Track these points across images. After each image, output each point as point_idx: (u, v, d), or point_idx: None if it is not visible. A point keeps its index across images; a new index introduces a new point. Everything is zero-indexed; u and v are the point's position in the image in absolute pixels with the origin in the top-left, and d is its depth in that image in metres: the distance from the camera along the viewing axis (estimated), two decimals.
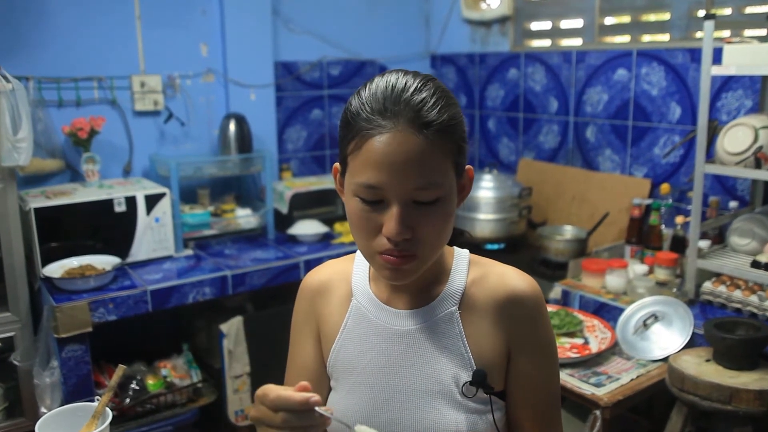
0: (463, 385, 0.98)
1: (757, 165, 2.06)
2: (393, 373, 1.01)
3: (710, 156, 2.25)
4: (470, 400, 0.99)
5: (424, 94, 0.89)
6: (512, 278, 1.02)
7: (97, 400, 1.22)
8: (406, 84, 0.89)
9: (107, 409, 1.20)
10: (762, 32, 2.35)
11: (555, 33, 3.21)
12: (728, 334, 1.85)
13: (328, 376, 1.10)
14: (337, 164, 0.99)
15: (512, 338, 1.01)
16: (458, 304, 1.01)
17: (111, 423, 1.19)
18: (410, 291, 1.03)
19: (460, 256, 1.07)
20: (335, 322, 1.08)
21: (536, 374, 1.02)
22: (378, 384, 1.02)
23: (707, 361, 1.89)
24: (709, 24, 2.08)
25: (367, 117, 0.88)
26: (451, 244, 1.09)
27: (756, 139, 2.05)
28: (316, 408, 0.80)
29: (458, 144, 0.92)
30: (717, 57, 2.12)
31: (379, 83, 0.91)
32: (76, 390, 2.27)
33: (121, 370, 1.28)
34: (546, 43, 3.26)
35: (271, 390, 0.81)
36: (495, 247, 2.96)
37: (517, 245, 3.00)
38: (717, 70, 2.09)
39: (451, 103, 0.92)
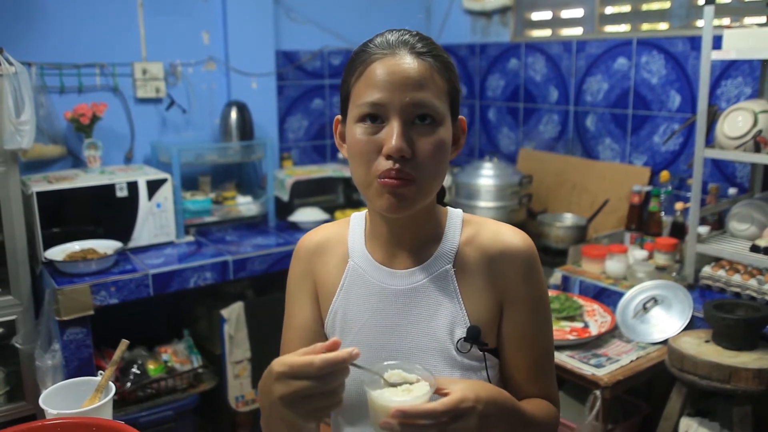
0: (458, 341, 1.01)
1: (757, 149, 2.07)
2: (390, 332, 1.03)
3: (710, 141, 2.26)
4: (465, 356, 1.01)
5: (425, 40, 0.99)
6: (505, 234, 1.04)
7: (100, 374, 1.23)
8: (408, 32, 1.00)
9: (110, 383, 1.21)
10: (762, 19, 2.36)
11: (555, 23, 3.22)
12: (728, 314, 1.86)
13: (325, 336, 1.11)
14: (338, 116, 1.05)
15: (505, 293, 1.03)
16: (452, 262, 1.03)
17: (112, 408, 1.19)
18: (406, 251, 1.05)
19: (454, 215, 1.08)
20: (332, 282, 1.09)
21: (529, 328, 1.04)
22: (375, 343, 1.04)
23: (706, 342, 1.90)
24: (709, 9, 2.09)
25: (371, 49, 0.98)
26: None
27: (755, 123, 2.06)
28: (353, 363, 0.81)
29: (453, 85, 1.00)
30: (717, 44, 2.13)
31: (383, 33, 1.01)
32: (78, 373, 2.27)
33: (124, 344, 1.28)
34: (546, 32, 3.27)
35: (306, 360, 0.80)
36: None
37: None
38: (717, 55, 2.10)
39: (449, 58, 1.01)
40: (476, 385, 0.89)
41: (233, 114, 2.96)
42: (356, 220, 1.13)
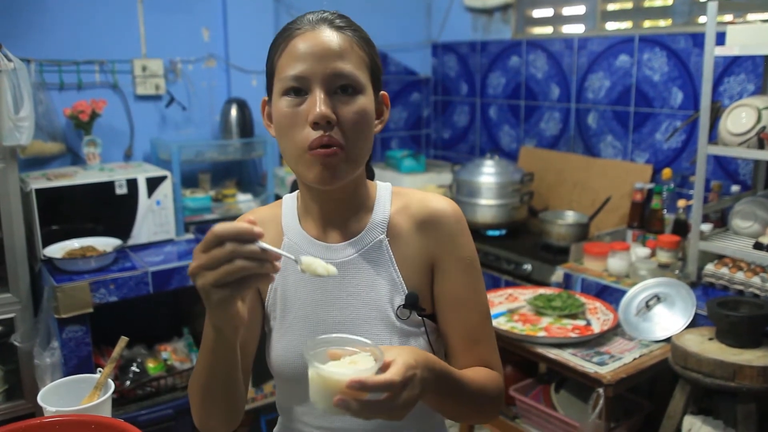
0: (398, 308, 1.03)
1: (760, 145, 2.06)
2: (329, 305, 1.05)
3: (713, 138, 2.25)
4: (405, 323, 1.03)
5: (344, 17, 1.04)
6: (432, 200, 1.08)
7: (100, 372, 1.22)
8: (328, 11, 1.04)
9: (109, 380, 1.20)
10: (765, 15, 2.35)
11: (557, 20, 3.21)
12: (731, 311, 1.84)
13: (259, 316, 1.12)
14: (264, 97, 1.08)
15: (436, 257, 1.06)
16: (385, 232, 1.06)
17: (111, 405, 1.18)
18: (338, 224, 1.07)
19: (383, 188, 1.11)
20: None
21: (461, 289, 1.06)
22: (315, 317, 1.06)
23: (710, 339, 1.89)
24: (712, 5, 2.07)
25: (292, 26, 1.02)
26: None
27: (759, 120, 2.05)
28: (260, 242, 0.78)
29: (373, 59, 1.04)
30: (720, 41, 2.12)
31: (304, 14, 1.04)
32: (77, 371, 2.25)
33: (123, 341, 1.27)
34: (548, 30, 3.25)
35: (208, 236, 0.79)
36: (496, 233, 2.96)
37: (519, 231, 3.00)
38: (720, 51, 2.09)
39: (367, 35, 1.06)
40: (411, 351, 0.88)
41: (233, 111, 2.95)
42: (288, 201, 1.15)
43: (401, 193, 1.11)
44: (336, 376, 0.80)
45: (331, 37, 0.98)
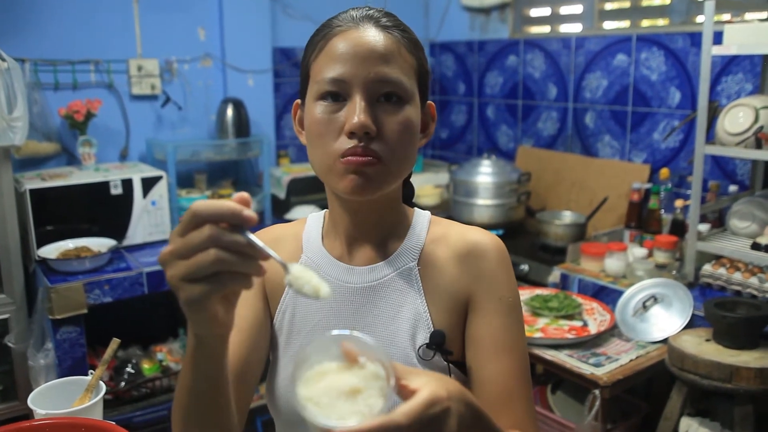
0: (420, 347, 0.90)
1: (758, 145, 2.04)
2: None
3: (710, 138, 2.24)
4: (426, 364, 0.90)
5: (391, 15, 0.93)
6: (473, 232, 0.96)
7: (91, 374, 1.21)
8: (373, 8, 0.93)
9: (101, 382, 1.19)
10: (763, 14, 2.34)
11: (554, 19, 3.19)
12: (729, 312, 1.83)
13: (266, 338, 0.99)
14: (297, 101, 0.97)
15: (472, 294, 0.93)
16: (417, 260, 0.94)
17: (106, 407, 1.18)
18: (366, 245, 0.96)
19: (421, 215, 1.01)
20: (282, 279, 0.88)
21: (499, 335, 0.91)
22: None
23: (707, 340, 1.88)
24: (709, 4, 2.06)
25: (330, 23, 0.91)
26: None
27: (756, 120, 2.04)
28: (249, 234, 0.63)
29: (422, 65, 0.92)
30: (718, 40, 2.11)
31: (347, 10, 0.93)
32: (71, 372, 2.24)
33: (115, 343, 1.26)
34: (545, 29, 3.24)
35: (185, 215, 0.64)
36: (493, 233, 2.94)
37: (516, 231, 2.99)
38: (718, 50, 2.08)
39: (416, 37, 0.94)
40: (442, 380, 0.69)
41: (229, 111, 2.94)
42: (313, 219, 1.04)
43: (440, 223, 1.00)
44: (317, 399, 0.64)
45: (376, 37, 0.87)
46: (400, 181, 0.94)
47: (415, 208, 1.03)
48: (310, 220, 1.05)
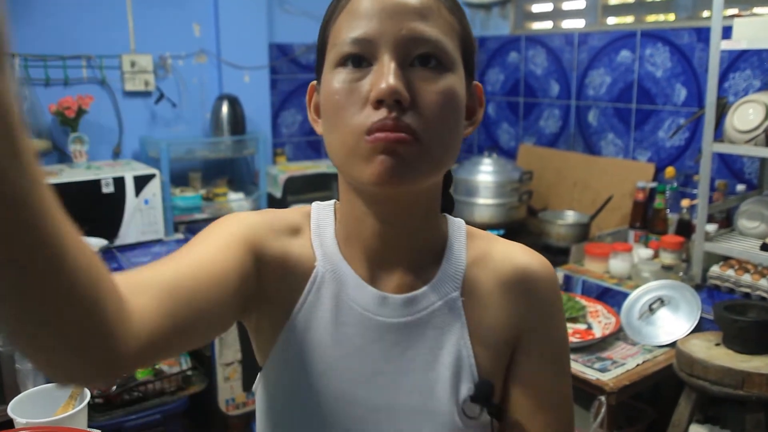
0: (464, 401, 0.73)
1: None
2: (370, 381, 0.73)
3: (718, 135, 2.18)
4: (470, 423, 0.73)
5: None
6: (519, 254, 0.79)
7: None
8: None
9: (85, 389, 1.15)
10: None
11: (556, 14, 3.14)
12: (739, 316, 1.78)
13: (224, 294, 0.65)
14: (312, 82, 0.77)
15: (521, 333, 0.77)
16: (460, 288, 0.75)
17: (97, 411, 1.14)
18: (398, 266, 0.75)
19: (455, 225, 0.81)
20: (289, 288, 0.75)
21: (547, 385, 0.77)
22: (348, 394, 0.73)
23: (717, 345, 1.82)
24: None
25: None
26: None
27: (767, 116, 1.98)
28: None
29: (467, 30, 0.73)
30: (726, 35, 2.05)
31: None
32: None
33: None
34: (547, 25, 3.19)
35: None
36: (494, 233, 2.88)
37: (517, 231, 2.93)
38: (727, 45, 2.02)
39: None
40: None
41: (225, 108, 2.88)
42: (320, 212, 0.79)
43: (477, 236, 0.81)
44: None
45: None
46: (441, 174, 0.73)
47: (447, 215, 0.82)
48: (316, 212, 0.79)
